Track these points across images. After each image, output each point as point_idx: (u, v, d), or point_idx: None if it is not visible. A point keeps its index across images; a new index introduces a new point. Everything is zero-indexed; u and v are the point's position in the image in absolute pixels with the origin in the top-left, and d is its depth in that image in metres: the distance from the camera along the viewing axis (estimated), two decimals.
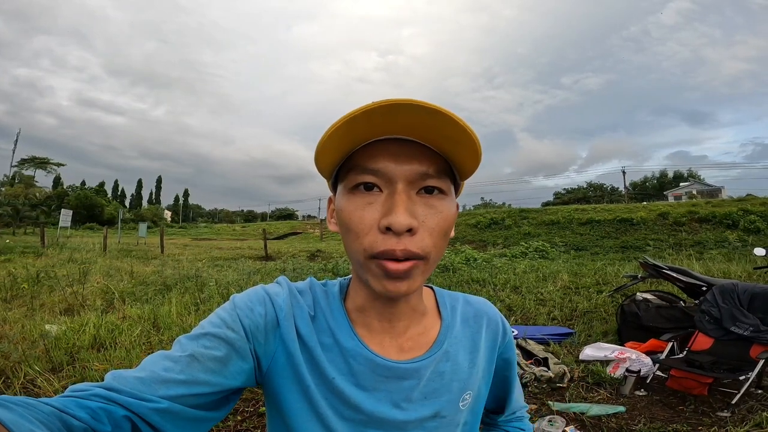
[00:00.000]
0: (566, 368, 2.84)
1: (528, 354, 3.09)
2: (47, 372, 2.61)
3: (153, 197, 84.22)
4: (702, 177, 44.06)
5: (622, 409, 2.38)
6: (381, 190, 0.46)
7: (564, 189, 52.42)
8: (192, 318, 3.93)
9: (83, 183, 70.67)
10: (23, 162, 50.95)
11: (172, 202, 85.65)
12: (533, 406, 2.43)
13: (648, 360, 2.88)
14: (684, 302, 3.74)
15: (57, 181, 60.32)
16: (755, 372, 2.39)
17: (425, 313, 0.58)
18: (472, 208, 31.70)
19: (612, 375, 2.83)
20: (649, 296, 3.78)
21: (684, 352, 2.83)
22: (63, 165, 59.23)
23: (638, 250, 11.80)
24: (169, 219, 64.90)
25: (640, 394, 2.62)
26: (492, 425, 0.71)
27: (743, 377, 2.38)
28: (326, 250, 13.87)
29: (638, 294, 3.86)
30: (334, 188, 0.52)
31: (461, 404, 0.56)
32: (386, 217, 0.43)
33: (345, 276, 0.62)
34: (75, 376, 2.62)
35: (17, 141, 49.52)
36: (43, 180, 53.58)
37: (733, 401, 2.34)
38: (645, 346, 3.20)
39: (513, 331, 2.65)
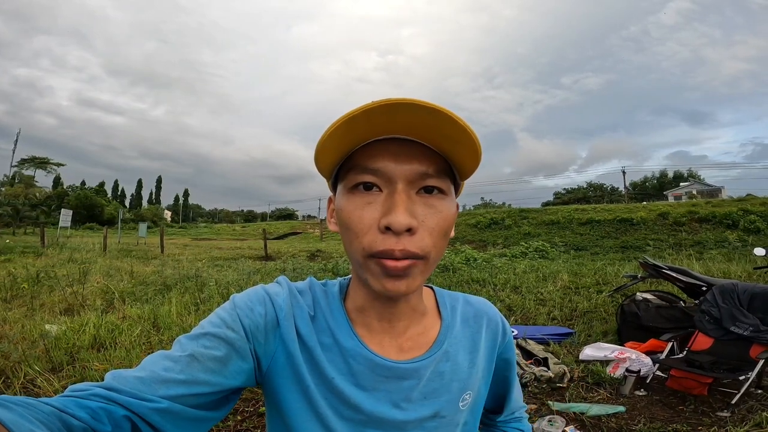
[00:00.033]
0: (566, 368, 2.84)
1: (528, 354, 3.09)
2: (47, 372, 2.61)
3: (153, 197, 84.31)
4: (702, 177, 44.09)
5: (622, 409, 2.38)
6: (381, 190, 0.46)
7: (564, 189, 52.52)
8: (192, 318, 3.93)
9: (83, 183, 70.81)
10: (23, 162, 51.01)
11: (172, 202, 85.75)
12: (533, 406, 2.43)
13: (648, 360, 2.88)
14: (684, 302, 3.74)
15: (57, 181, 60.35)
16: (755, 372, 2.39)
17: (425, 313, 0.58)
18: (472, 208, 31.70)
19: (612, 375, 2.83)
20: (649, 296, 3.78)
21: (684, 352, 2.83)
22: (63, 165, 59.44)
23: (638, 250, 11.80)
24: (169, 219, 64.86)
25: (640, 394, 2.62)
26: (491, 426, 0.70)
27: (743, 377, 2.38)
28: (326, 250, 13.86)
29: (638, 294, 3.86)
30: (334, 188, 0.52)
31: (461, 404, 0.56)
32: (386, 217, 0.43)
33: (345, 276, 0.62)
34: (75, 376, 2.62)
35: (17, 141, 49.70)
36: (43, 180, 53.73)
37: (733, 401, 2.34)
38: (645, 346, 3.20)
39: (513, 331, 2.65)
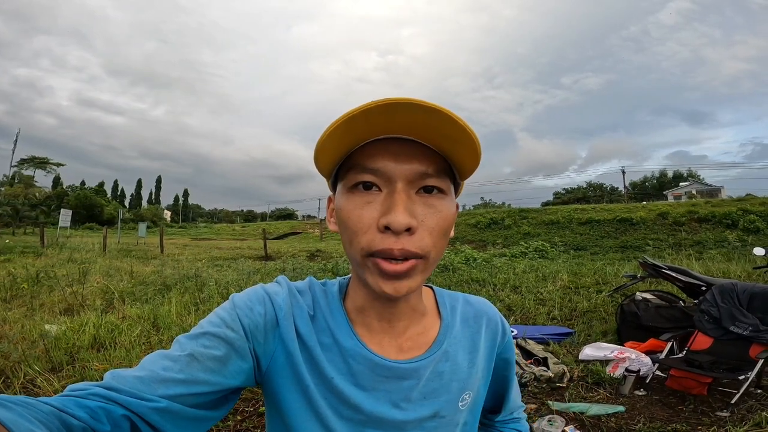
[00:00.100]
0: (566, 368, 2.85)
1: (527, 354, 3.09)
2: (47, 372, 2.61)
3: (153, 197, 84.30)
4: (701, 177, 44.09)
5: (622, 409, 2.39)
6: (380, 190, 0.46)
7: (564, 189, 52.56)
8: (192, 318, 3.93)
9: (83, 183, 70.80)
10: (23, 162, 51.05)
11: (172, 202, 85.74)
12: (533, 406, 2.43)
13: (647, 360, 2.88)
14: (683, 302, 3.74)
15: (57, 181, 60.37)
16: (754, 372, 2.39)
17: (425, 313, 0.57)
18: (472, 208, 31.69)
19: (611, 375, 2.83)
20: (649, 296, 3.78)
21: (683, 352, 2.83)
22: (63, 165, 59.50)
23: (638, 250, 11.79)
24: (169, 219, 64.83)
25: (640, 394, 2.62)
26: (489, 426, 0.70)
27: (742, 377, 2.38)
28: (326, 250, 13.86)
29: (638, 294, 3.86)
30: (334, 188, 0.52)
31: (460, 404, 0.56)
32: (385, 216, 0.43)
33: (345, 276, 0.61)
34: (75, 376, 2.62)
35: (17, 141, 49.68)
36: (43, 180, 53.79)
37: (733, 401, 2.34)
38: (644, 346, 3.20)
39: (512, 331, 2.66)
